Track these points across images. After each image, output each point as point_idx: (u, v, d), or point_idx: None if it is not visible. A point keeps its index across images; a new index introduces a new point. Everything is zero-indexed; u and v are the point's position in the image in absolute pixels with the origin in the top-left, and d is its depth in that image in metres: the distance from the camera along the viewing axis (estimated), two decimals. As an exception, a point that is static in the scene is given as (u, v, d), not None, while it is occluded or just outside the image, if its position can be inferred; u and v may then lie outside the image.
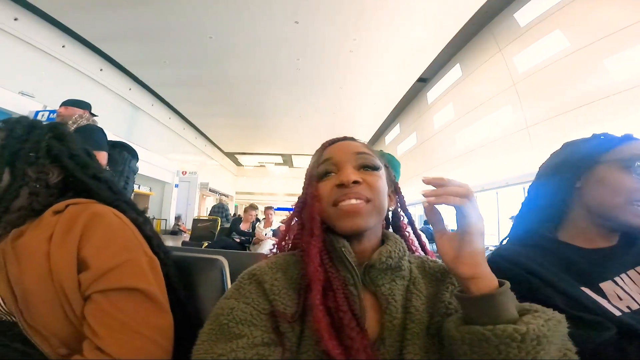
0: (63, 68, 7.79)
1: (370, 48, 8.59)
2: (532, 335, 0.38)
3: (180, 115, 13.98)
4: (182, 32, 7.86)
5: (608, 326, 0.57)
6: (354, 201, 0.55)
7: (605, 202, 0.69)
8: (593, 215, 0.71)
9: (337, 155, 0.61)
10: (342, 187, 0.56)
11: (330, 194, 0.57)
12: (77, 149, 0.77)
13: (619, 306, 0.61)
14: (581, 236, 0.73)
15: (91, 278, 0.59)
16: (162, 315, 0.63)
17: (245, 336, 0.46)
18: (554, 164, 0.81)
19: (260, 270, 0.56)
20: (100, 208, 0.67)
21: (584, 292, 0.62)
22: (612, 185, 0.68)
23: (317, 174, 0.61)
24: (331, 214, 0.56)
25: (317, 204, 0.58)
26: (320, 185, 0.60)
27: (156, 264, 0.68)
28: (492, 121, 9.05)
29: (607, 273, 0.66)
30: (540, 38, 7.31)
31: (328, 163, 0.61)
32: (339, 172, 0.59)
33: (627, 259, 0.68)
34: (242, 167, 24.06)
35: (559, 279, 0.64)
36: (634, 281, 0.65)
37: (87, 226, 0.62)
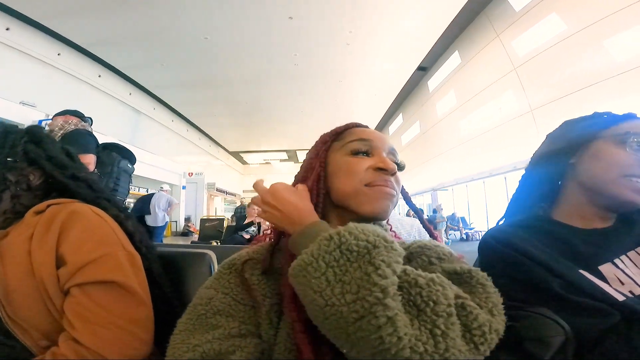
0: (61, 76, 7.85)
1: (367, 39, 8.51)
2: (297, 267, 0.38)
3: (183, 117, 14.08)
4: (176, 35, 7.89)
5: (612, 312, 0.53)
6: (391, 190, 0.55)
7: (598, 176, 0.66)
8: (587, 192, 0.69)
9: (375, 140, 0.59)
10: (382, 171, 0.55)
11: (365, 174, 0.54)
12: (55, 150, 0.79)
13: (621, 291, 0.57)
14: (576, 215, 0.70)
15: (69, 273, 0.60)
16: (140, 308, 0.64)
17: (222, 327, 0.45)
18: (550, 141, 0.79)
19: (241, 259, 0.55)
20: (79, 206, 0.69)
21: (583, 276, 0.58)
22: (606, 160, 0.66)
23: (350, 150, 0.58)
24: (362, 193, 0.54)
25: (345, 177, 0.56)
26: (352, 160, 0.57)
27: (136, 258, 0.69)
28: (495, 106, 8.95)
29: (606, 254, 0.62)
30: (537, 22, 7.23)
31: (365, 143, 0.58)
32: (374, 156, 0.57)
33: (627, 240, 0.65)
34: (248, 166, 24.18)
35: (556, 261, 0.60)
36: (635, 264, 0.62)
37: (65, 224, 0.64)
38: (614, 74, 5.82)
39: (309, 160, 0.61)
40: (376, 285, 0.32)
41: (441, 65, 11.16)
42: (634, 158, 0.64)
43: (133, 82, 10.48)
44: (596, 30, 6.05)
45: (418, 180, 13.81)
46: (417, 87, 13.14)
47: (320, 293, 0.34)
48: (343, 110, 13.10)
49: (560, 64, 6.83)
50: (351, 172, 0.55)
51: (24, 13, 6.57)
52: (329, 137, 0.62)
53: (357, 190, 0.54)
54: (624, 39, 5.69)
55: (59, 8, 6.57)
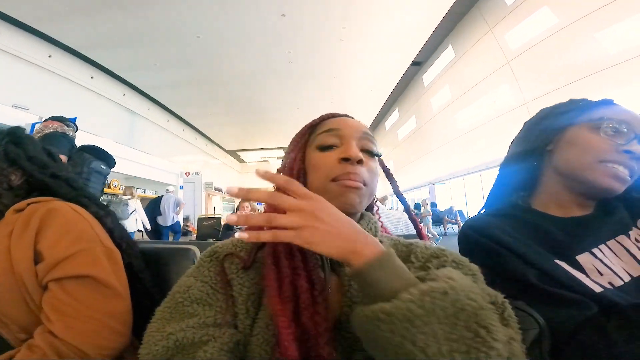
0: (53, 78, 7.77)
1: (361, 35, 8.48)
2: (399, 315, 0.32)
3: (178, 117, 14.00)
4: (168, 34, 7.82)
5: (588, 304, 0.52)
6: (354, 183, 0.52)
7: (573, 162, 0.66)
8: (564, 178, 0.68)
9: (344, 128, 0.57)
10: (346, 161, 0.53)
11: (331, 168, 0.53)
12: (35, 150, 0.80)
13: (600, 282, 0.55)
14: (554, 203, 0.69)
15: (46, 268, 0.62)
16: (117, 301, 0.66)
17: (198, 315, 0.44)
18: (527, 128, 0.78)
19: (223, 247, 0.54)
20: (57, 204, 0.70)
21: (559, 266, 0.57)
22: (581, 145, 0.65)
23: (318, 144, 0.57)
24: (329, 190, 0.52)
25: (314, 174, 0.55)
26: (319, 156, 0.56)
27: (115, 254, 0.71)
28: (490, 100, 8.98)
29: (584, 244, 0.60)
30: (529, 15, 7.26)
31: (333, 134, 0.56)
32: (342, 146, 0.55)
33: (606, 228, 0.63)
34: (246, 164, 24.13)
35: (532, 251, 0.59)
36: (615, 253, 0.60)
37: (43, 221, 0.66)
38: (607, 65, 5.85)
39: (288, 155, 0.61)
40: (492, 348, 0.32)
41: (435, 60, 11.17)
42: (609, 143, 0.62)
43: (127, 83, 10.39)
44: (588, 22, 6.08)
45: (415, 175, 13.84)
46: (412, 82, 13.13)
47: (423, 349, 0.31)
48: (339, 106, 12.99)
49: (553, 56, 6.85)
50: (318, 168, 0.55)
51: (13, 16, 6.51)
52: (305, 130, 0.61)
53: (325, 186, 0.53)
54: (616, 31, 5.72)
55: (48, 11, 6.50)
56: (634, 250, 0.60)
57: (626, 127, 0.63)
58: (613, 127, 0.63)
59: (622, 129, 0.63)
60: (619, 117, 0.64)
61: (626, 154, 0.62)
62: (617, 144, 0.62)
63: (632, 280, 0.57)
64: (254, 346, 0.44)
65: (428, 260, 0.50)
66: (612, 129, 0.63)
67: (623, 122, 0.64)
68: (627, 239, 0.62)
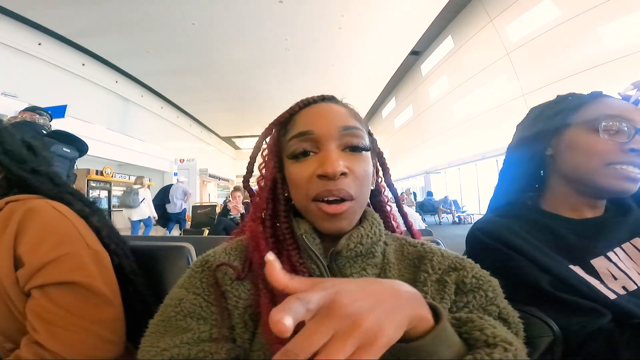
0: (43, 66, 7.65)
1: (359, 23, 8.33)
2: None
3: (172, 103, 13.79)
4: (162, 21, 7.61)
5: (602, 312, 0.50)
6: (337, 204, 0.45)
7: (580, 167, 0.62)
8: (571, 182, 0.64)
9: (318, 128, 0.46)
10: (324, 178, 0.44)
11: (309, 186, 0.45)
12: (13, 144, 0.73)
13: (613, 288, 0.53)
14: (565, 205, 0.66)
15: (27, 274, 0.58)
16: (106, 308, 0.62)
17: (192, 330, 0.42)
18: (521, 133, 0.75)
19: (215, 256, 0.49)
20: (37, 203, 0.65)
21: (573, 272, 0.55)
22: (584, 149, 0.61)
23: (289, 152, 0.48)
24: (310, 210, 0.47)
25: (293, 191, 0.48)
26: (294, 168, 0.47)
27: (102, 256, 0.66)
28: (488, 91, 8.97)
29: (599, 248, 0.58)
30: (531, 7, 7.20)
31: (307, 139, 0.47)
32: (320, 151, 0.46)
33: (621, 230, 0.61)
34: (241, 151, 23.99)
35: (545, 255, 0.56)
36: (629, 256, 0.58)
37: (22, 222, 0.60)
38: (605, 60, 5.86)
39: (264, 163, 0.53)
40: None
41: (434, 50, 11.07)
42: (612, 144, 0.59)
43: (119, 70, 10.19)
44: (590, 16, 6.05)
45: (411, 163, 13.89)
46: (410, 71, 13.01)
47: None
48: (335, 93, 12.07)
49: (554, 50, 6.84)
50: (295, 185, 0.47)
51: (2, 4, 6.32)
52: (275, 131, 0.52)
53: (307, 207, 0.47)
54: (617, 26, 5.71)
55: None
56: None
57: (625, 124, 0.60)
58: (612, 126, 0.60)
59: (622, 127, 0.60)
60: (615, 113, 0.61)
61: (632, 153, 0.58)
62: (621, 143, 0.59)
63: None
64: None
65: (445, 273, 0.46)
66: (612, 128, 0.60)
67: (620, 119, 0.60)
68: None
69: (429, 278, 0.46)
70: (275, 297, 0.42)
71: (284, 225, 0.49)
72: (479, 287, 0.44)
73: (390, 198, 0.63)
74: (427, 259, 0.48)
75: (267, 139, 0.55)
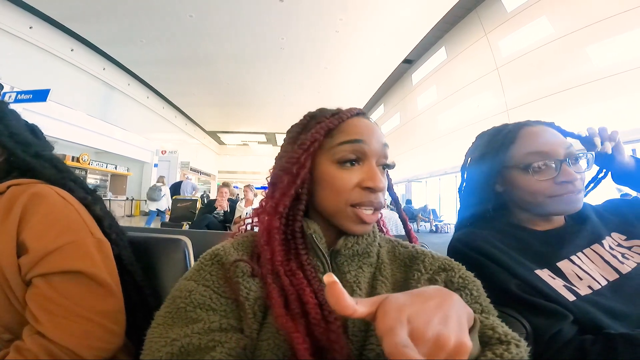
0: (30, 49, 7.47)
1: (357, 28, 8.41)
2: None
3: (159, 94, 13.47)
4: (160, 11, 7.46)
5: (564, 313, 0.55)
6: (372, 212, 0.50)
7: (527, 201, 0.71)
8: (529, 210, 0.73)
9: (369, 141, 0.50)
10: (369, 190, 0.49)
11: (351, 193, 0.49)
12: (18, 127, 0.72)
13: (579, 286, 0.60)
14: (528, 222, 0.74)
15: (31, 262, 0.56)
16: (110, 299, 0.61)
17: (202, 321, 0.43)
18: (472, 166, 0.83)
19: (224, 250, 0.51)
20: (42, 188, 0.63)
21: (538, 276, 0.61)
22: (524, 189, 0.70)
23: (337, 157, 0.50)
24: (344, 213, 0.50)
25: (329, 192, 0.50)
26: (340, 173, 0.50)
27: (105, 246, 0.65)
28: (473, 104, 9.21)
29: (563, 252, 0.66)
30: (527, 24, 7.40)
31: (358, 149, 0.50)
32: (364, 164, 0.50)
33: (582, 237, 0.69)
34: (225, 146, 23.68)
35: (514, 261, 0.63)
36: (591, 260, 0.65)
37: (26, 208, 0.58)
38: (591, 79, 6.10)
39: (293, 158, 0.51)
40: None
41: (427, 60, 11.27)
42: (546, 182, 0.67)
43: (108, 57, 9.95)
44: (581, 35, 6.27)
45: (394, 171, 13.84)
46: (401, 79, 13.23)
47: None
48: (326, 96, 12.99)
49: (541, 66, 7.07)
50: (335, 188, 0.50)
51: None
52: (321, 133, 0.51)
53: (341, 209, 0.50)
54: (605, 46, 5.94)
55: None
56: (607, 257, 0.65)
57: (549, 160, 0.67)
58: (540, 165, 0.68)
59: (549, 163, 0.67)
60: (538, 150, 0.68)
61: (565, 183, 0.66)
62: (553, 178, 0.67)
63: (608, 284, 0.61)
64: (264, 351, 0.43)
65: (436, 273, 0.50)
66: (540, 168, 0.68)
67: (544, 155, 0.68)
68: (600, 247, 0.68)
69: (421, 277, 0.50)
70: (285, 291, 0.45)
71: (299, 224, 0.51)
72: (465, 286, 0.48)
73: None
74: (419, 259, 0.53)
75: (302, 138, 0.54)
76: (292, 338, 0.40)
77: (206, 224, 4.55)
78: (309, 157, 0.51)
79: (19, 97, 6.35)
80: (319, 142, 0.51)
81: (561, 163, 0.66)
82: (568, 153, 0.67)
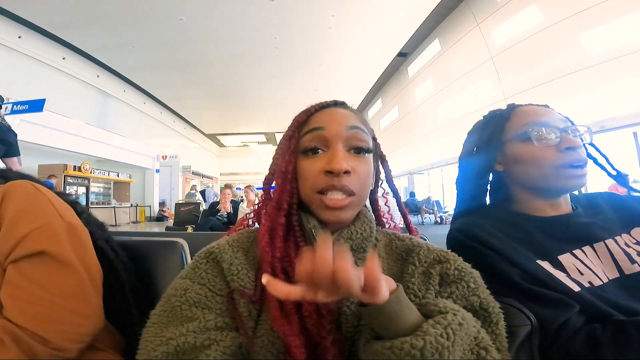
0: (21, 59, 7.45)
1: (349, 24, 8.38)
2: (430, 348, 0.34)
3: (156, 99, 13.47)
4: (149, 16, 7.44)
5: (569, 303, 0.53)
6: (339, 196, 0.49)
7: (534, 176, 0.67)
8: (532, 189, 0.69)
9: (328, 126, 0.52)
10: (330, 174, 0.49)
11: (316, 180, 0.50)
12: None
13: (579, 281, 0.57)
14: (531, 207, 0.70)
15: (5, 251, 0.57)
16: (75, 279, 0.60)
17: (197, 319, 0.43)
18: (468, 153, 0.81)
19: (219, 248, 0.51)
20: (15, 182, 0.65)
21: (540, 266, 0.59)
22: (529, 160, 0.67)
23: (302, 148, 0.52)
24: (313, 201, 0.51)
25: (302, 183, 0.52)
26: (305, 164, 0.52)
27: (77, 229, 0.65)
28: (471, 94, 9.18)
29: (565, 245, 0.62)
30: (517, 12, 7.39)
31: (318, 136, 0.52)
32: (328, 150, 0.51)
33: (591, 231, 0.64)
34: (225, 148, 23.68)
35: (514, 251, 0.61)
36: (598, 256, 0.62)
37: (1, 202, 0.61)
38: (585, 66, 6.08)
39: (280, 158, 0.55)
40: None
41: (421, 52, 11.25)
42: (550, 149, 0.65)
43: (101, 65, 9.93)
44: (573, 23, 6.25)
45: (395, 164, 14.04)
46: (397, 72, 13.19)
47: None
48: (323, 93, 12.93)
49: (536, 54, 7.05)
50: (304, 178, 0.51)
51: None
52: (294, 130, 0.55)
53: (311, 198, 0.51)
54: (598, 32, 5.92)
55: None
56: (617, 255, 0.61)
57: (549, 129, 0.66)
58: (540, 131, 0.66)
59: (548, 131, 0.66)
60: (535, 120, 0.67)
61: (568, 151, 0.64)
62: (555, 147, 0.65)
63: (610, 282, 0.58)
64: (258, 348, 0.43)
65: (431, 266, 0.50)
66: (541, 134, 0.66)
67: (542, 124, 0.66)
68: (614, 243, 0.63)
69: (415, 270, 0.50)
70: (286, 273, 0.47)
71: (295, 218, 0.53)
72: (461, 278, 0.48)
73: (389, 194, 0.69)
74: (414, 252, 0.53)
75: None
76: (288, 341, 0.41)
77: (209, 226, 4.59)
78: (291, 153, 0.53)
79: (15, 108, 6.31)
80: (295, 139, 0.54)
81: (561, 131, 0.65)
82: (565, 125, 0.67)
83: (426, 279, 0.49)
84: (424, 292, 0.48)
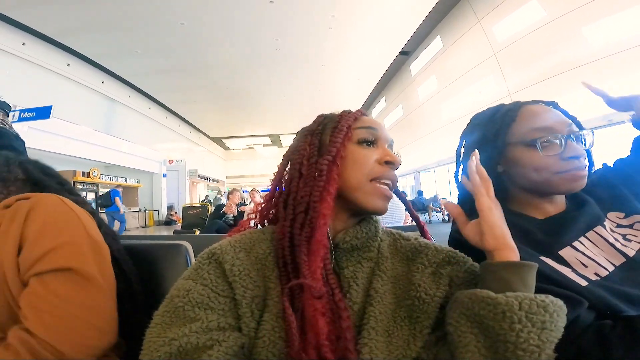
0: (26, 66, 7.55)
1: (350, 23, 8.38)
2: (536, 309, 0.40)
3: (161, 104, 13.63)
4: (150, 21, 7.53)
5: (578, 299, 0.52)
6: (390, 192, 0.54)
7: (534, 180, 0.67)
8: (531, 191, 0.70)
9: (380, 128, 0.57)
10: (388, 164, 0.54)
11: (373, 168, 0.53)
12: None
13: (586, 274, 0.57)
14: (529, 208, 0.71)
15: (28, 262, 0.58)
16: (98, 296, 0.62)
17: (200, 320, 0.43)
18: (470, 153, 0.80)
19: (222, 249, 0.51)
20: (45, 195, 0.67)
21: (544, 262, 0.58)
22: (529, 165, 0.67)
23: (358, 138, 0.55)
24: (365, 188, 0.52)
25: (353, 168, 0.53)
26: (362, 151, 0.54)
27: (100, 247, 0.67)
28: (475, 90, 9.09)
29: (564, 239, 0.63)
30: (517, 8, 7.33)
31: (372, 132, 0.56)
32: (378, 147, 0.55)
33: (582, 221, 0.66)
34: (231, 151, 23.82)
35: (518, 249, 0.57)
36: (594, 244, 0.62)
37: (29, 213, 0.62)
38: (589, 60, 5.99)
39: (332, 142, 0.55)
40: None
41: (423, 50, 11.17)
42: (553, 158, 0.65)
43: (106, 70, 10.07)
44: (575, 17, 6.18)
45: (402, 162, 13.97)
46: (400, 71, 13.12)
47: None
48: (326, 94, 13.00)
49: (539, 49, 6.97)
50: (359, 164, 0.53)
51: None
52: (350, 122, 0.56)
53: (362, 184, 0.52)
54: (601, 26, 5.84)
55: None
56: (611, 240, 0.63)
57: (554, 135, 0.65)
58: (545, 141, 0.65)
59: (553, 138, 0.65)
60: (543, 126, 0.66)
61: (572, 159, 0.64)
62: (559, 154, 0.64)
63: (616, 269, 0.58)
64: (259, 349, 0.43)
65: (440, 266, 0.51)
66: (546, 143, 0.65)
67: (548, 131, 0.66)
68: (603, 229, 0.65)
69: (425, 270, 0.51)
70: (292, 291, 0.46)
71: None
72: (471, 281, 0.49)
73: None
74: (422, 253, 0.54)
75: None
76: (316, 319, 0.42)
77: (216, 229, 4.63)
78: (343, 140, 0.54)
79: (22, 116, 6.40)
80: (349, 129, 0.56)
81: (566, 139, 0.64)
82: (570, 130, 0.66)
83: (436, 279, 0.50)
84: (435, 291, 0.49)
